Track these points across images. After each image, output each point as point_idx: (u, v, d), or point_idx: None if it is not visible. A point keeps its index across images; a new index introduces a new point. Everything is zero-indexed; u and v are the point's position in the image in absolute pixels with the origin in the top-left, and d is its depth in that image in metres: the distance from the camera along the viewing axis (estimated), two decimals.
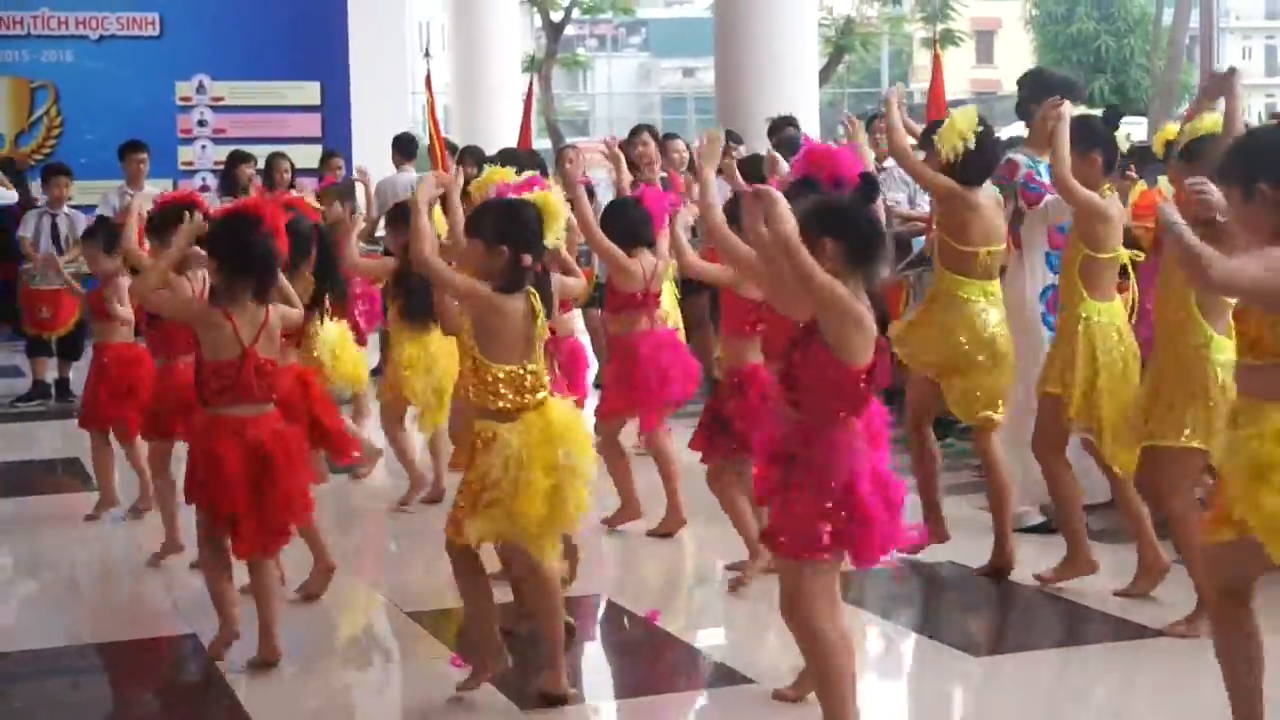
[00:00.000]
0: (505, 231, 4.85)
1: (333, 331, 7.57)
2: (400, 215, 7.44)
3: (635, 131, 10.75)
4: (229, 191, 12.70)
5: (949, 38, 33.43)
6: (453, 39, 20.49)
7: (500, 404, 4.80)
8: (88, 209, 12.48)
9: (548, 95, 27.20)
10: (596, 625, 6.05)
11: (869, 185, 4.31)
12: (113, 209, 12.19)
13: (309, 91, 16.73)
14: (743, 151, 11.32)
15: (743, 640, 5.80)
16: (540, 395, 4.85)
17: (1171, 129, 6.43)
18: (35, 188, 13.45)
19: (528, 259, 4.85)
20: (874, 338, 4.10)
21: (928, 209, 10.36)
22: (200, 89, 16.42)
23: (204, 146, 16.28)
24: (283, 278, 5.67)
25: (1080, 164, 5.90)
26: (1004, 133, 7.64)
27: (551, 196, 5.16)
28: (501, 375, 4.80)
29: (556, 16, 27.51)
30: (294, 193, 12.60)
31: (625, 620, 5.98)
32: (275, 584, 5.55)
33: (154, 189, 12.76)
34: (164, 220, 6.18)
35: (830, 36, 29.86)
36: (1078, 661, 5.49)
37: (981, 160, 6.27)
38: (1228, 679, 4.11)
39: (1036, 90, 6.85)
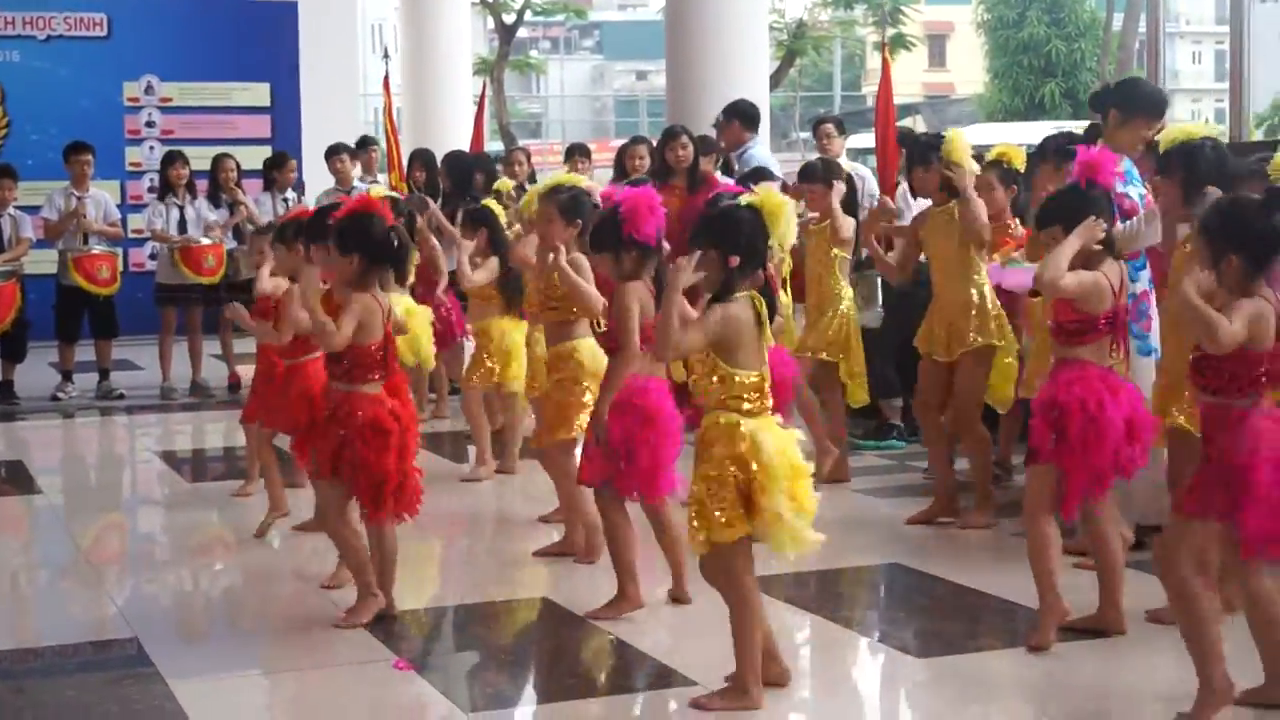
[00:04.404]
0: (721, 236, 4.84)
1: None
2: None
3: (672, 134, 10.26)
4: (169, 192, 12.61)
5: (900, 41, 33.63)
6: (404, 41, 20.41)
7: (747, 406, 4.80)
8: (33, 209, 12.39)
9: (500, 98, 27.19)
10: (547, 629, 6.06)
11: (1276, 198, 4.58)
12: (57, 210, 12.11)
13: (258, 93, 16.67)
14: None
15: (683, 642, 5.79)
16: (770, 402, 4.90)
17: None
18: None
19: (735, 261, 4.81)
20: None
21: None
22: (148, 90, 16.33)
23: (152, 148, 16.16)
24: None
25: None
26: None
27: (772, 196, 4.93)
28: (749, 381, 4.80)
29: (509, 19, 27.50)
30: (243, 194, 12.60)
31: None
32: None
33: (101, 190, 12.75)
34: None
35: (782, 40, 29.99)
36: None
37: None
38: None
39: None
